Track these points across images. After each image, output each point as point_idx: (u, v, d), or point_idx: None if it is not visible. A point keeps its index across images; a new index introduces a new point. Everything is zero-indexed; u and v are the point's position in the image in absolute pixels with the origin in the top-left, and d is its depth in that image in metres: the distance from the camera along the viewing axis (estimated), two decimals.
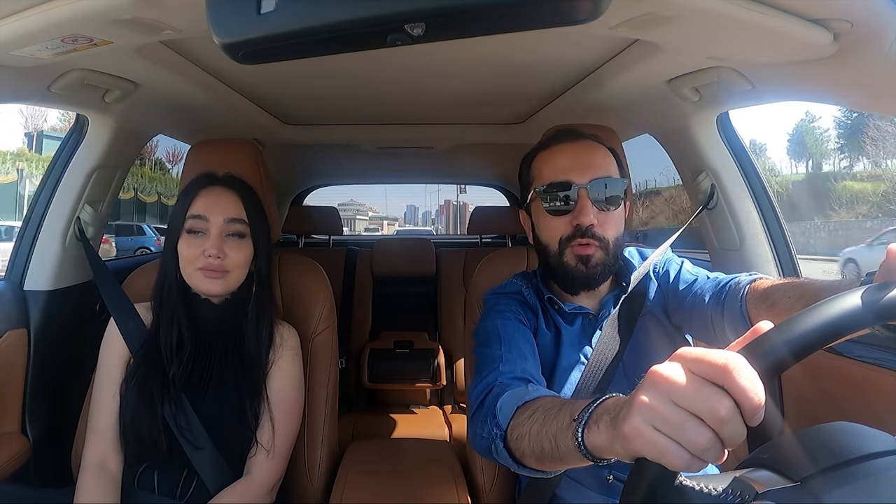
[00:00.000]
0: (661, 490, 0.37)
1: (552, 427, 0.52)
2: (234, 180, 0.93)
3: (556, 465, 0.54)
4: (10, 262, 1.18)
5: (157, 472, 0.85)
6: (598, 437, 0.44)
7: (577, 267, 0.79)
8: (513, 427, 0.59)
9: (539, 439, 0.53)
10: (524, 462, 0.59)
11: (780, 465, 0.38)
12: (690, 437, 0.34)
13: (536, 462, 0.56)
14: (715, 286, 0.75)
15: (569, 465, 0.53)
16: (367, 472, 1.02)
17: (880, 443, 0.38)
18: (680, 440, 0.34)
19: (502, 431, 0.60)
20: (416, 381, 1.91)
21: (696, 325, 0.78)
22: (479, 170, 2.44)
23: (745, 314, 0.67)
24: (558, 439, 0.50)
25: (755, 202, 1.16)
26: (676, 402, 0.35)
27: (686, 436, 0.34)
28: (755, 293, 0.67)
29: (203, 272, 0.86)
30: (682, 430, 0.34)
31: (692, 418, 0.34)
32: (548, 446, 0.52)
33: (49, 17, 0.65)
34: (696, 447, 0.34)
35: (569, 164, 0.81)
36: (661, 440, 0.35)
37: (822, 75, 0.77)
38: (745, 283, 0.70)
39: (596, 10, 0.45)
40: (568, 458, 0.49)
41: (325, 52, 0.51)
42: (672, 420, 0.35)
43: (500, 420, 0.61)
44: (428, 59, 1.04)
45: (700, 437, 0.34)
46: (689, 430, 0.34)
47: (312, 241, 2.45)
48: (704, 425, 0.34)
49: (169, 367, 0.85)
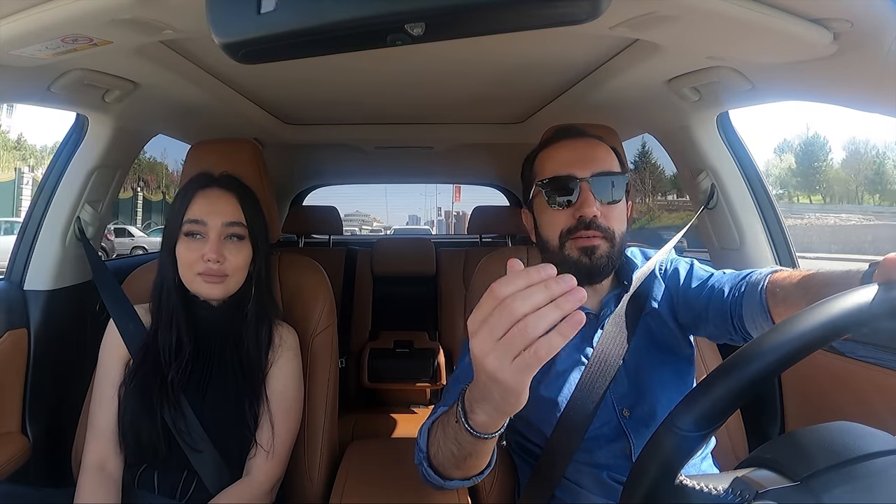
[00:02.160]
0: (661, 490, 0.37)
1: (450, 433, 0.59)
2: (232, 181, 0.92)
3: (469, 460, 0.60)
4: (10, 262, 1.18)
5: (157, 473, 0.85)
6: (478, 417, 0.52)
7: (581, 259, 0.78)
8: (430, 446, 0.66)
9: (447, 446, 0.61)
10: (448, 475, 0.65)
11: (780, 464, 0.38)
12: (520, 325, 0.39)
13: (455, 468, 0.63)
14: (734, 279, 0.76)
15: (479, 456, 0.60)
16: (367, 472, 1.02)
17: (881, 442, 0.38)
18: (518, 330, 0.39)
19: (425, 454, 0.67)
20: (416, 380, 1.91)
21: (712, 320, 0.77)
22: (479, 170, 2.44)
23: (764, 305, 0.67)
24: (458, 438, 0.57)
25: (755, 202, 1.17)
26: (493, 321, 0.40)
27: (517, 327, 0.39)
28: (773, 285, 0.68)
29: (203, 277, 0.86)
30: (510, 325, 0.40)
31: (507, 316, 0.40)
32: (455, 448, 0.59)
33: (49, 17, 0.65)
34: (532, 326, 0.39)
35: (571, 158, 0.80)
36: (504, 350, 0.40)
37: (822, 75, 0.77)
38: (765, 273, 0.71)
39: (596, 10, 0.45)
40: (474, 450, 0.57)
41: (325, 51, 0.51)
42: (495, 332, 0.40)
43: (421, 444, 0.68)
44: (428, 58, 1.04)
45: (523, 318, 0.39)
46: (509, 321, 0.39)
47: (312, 241, 2.45)
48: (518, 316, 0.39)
49: (168, 370, 0.85)
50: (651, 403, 0.77)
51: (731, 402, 0.38)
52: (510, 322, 0.39)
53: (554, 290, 0.39)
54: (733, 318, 0.73)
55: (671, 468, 0.39)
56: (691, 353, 0.84)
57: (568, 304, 0.39)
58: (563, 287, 0.39)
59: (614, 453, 0.77)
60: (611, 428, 0.78)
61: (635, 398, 0.79)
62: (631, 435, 0.77)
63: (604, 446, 0.77)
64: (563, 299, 0.39)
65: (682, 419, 0.39)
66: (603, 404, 0.75)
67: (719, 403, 0.38)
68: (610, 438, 0.77)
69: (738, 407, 0.39)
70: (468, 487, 0.98)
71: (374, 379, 1.92)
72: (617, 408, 0.78)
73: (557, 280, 0.39)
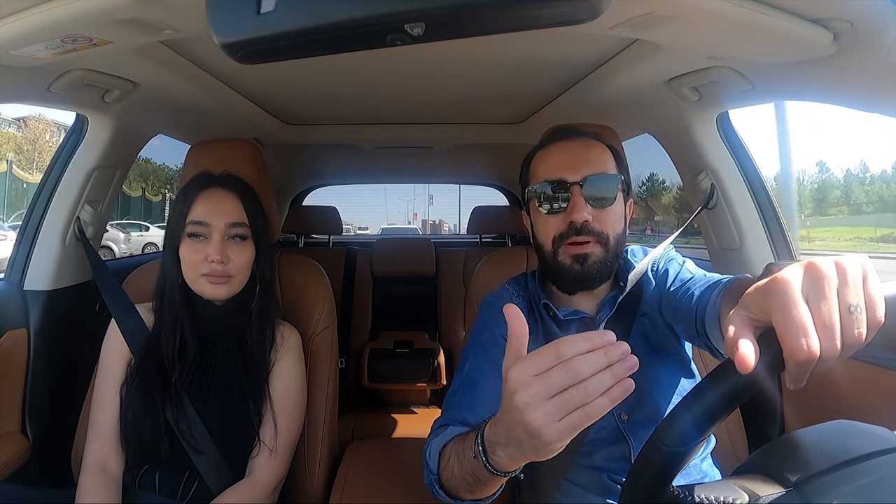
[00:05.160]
0: (655, 501, 0.37)
1: (465, 465, 0.58)
2: (233, 180, 0.92)
3: (485, 489, 0.59)
4: (10, 262, 1.18)
5: (158, 473, 0.85)
6: (501, 459, 0.50)
7: (573, 266, 0.77)
8: (442, 470, 0.65)
9: (462, 476, 0.59)
10: (460, 497, 0.63)
11: (774, 470, 0.38)
12: (572, 393, 0.40)
13: (468, 493, 0.61)
14: (707, 282, 0.73)
15: (496, 486, 0.58)
16: (367, 472, 1.02)
17: (878, 441, 0.38)
18: (567, 400, 0.40)
19: (435, 476, 0.66)
20: (416, 381, 1.91)
21: (681, 322, 0.76)
22: (479, 170, 2.44)
23: (716, 311, 0.64)
24: (476, 473, 0.56)
25: (755, 202, 1.16)
26: (543, 381, 0.41)
27: (568, 394, 0.40)
28: (729, 291, 0.65)
29: (207, 278, 0.86)
30: (559, 389, 0.40)
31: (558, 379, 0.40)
32: (471, 480, 0.58)
33: (49, 17, 0.65)
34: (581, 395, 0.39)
35: (562, 161, 0.80)
36: (556, 407, 0.40)
37: (822, 75, 0.77)
38: (728, 280, 0.68)
39: (596, 10, 0.45)
40: (490, 482, 0.56)
41: (325, 51, 0.51)
42: (552, 390, 0.40)
43: (432, 466, 0.67)
44: (428, 58, 1.04)
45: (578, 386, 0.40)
46: (563, 386, 0.40)
47: (312, 241, 2.45)
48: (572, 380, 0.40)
49: (171, 371, 0.85)
50: (649, 406, 0.77)
51: (710, 418, 0.39)
52: (571, 382, 0.40)
53: (612, 357, 0.40)
54: (696, 322, 0.70)
55: (662, 481, 0.39)
56: (687, 353, 0.84)
57: (621, 371, 0.40)
58: (622, 352, 0.40)
59: (614, 456, 0.77)
60: (609, 432, 0.77)
61: (633, 401, 0.78)
62: (630, 438, 0.76)
63: (603, 449, 0.77)
64: (617, 366, 0.40)
65: (665, 436, 0.40)
66: None
67: (698, 420, 0.39)
68: (609, 442, 0.77)
69: (719, 422, 0.39)
70: None
71: (374, 379, 1.92)
72: (615, 412, 0.78)
73: (616, 346, 0.41)
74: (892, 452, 0.36)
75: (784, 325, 0.36)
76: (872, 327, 0.36)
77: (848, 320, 0.35)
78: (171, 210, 0.91)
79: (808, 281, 0.37)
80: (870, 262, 0.37)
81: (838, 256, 0.38)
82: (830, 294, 0.36)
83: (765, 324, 0.38)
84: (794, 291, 0.36)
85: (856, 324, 0.35)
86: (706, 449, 0.81)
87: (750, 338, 0.37)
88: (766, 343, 0.37)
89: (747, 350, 0.36)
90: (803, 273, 0.37)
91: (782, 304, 0.36)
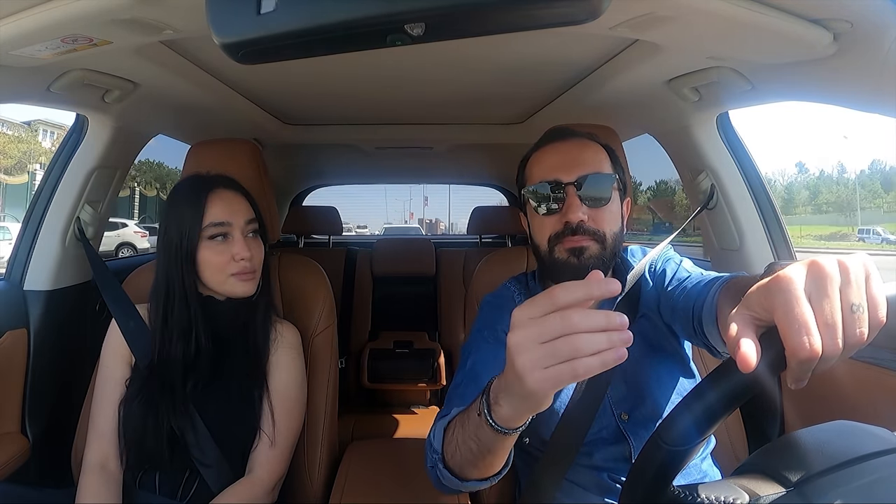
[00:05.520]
0: (655, 501, 0.37)
1: (470, 429, 0.57)
2: (231, 180, 0.93)
3: (487, 458, 0.58)
4: (10, 262, 1.18)
5: (158, 473, 0.85)
6: (502, 410, 0.49)
7: (569, 259, 0.77)
8: (446, 447, 0.64)
9: (466, 444, 0.58)
10: (465, 475, 0.62)
11: (774, 470, 0.38)
12: (570, 345, 0.39)
13: (472, 467, 0.60)
14: (705, 281, 0.73)
15: (498, 453, 0.57)
16: (367, 472, 1.02)
17: (878, 441, 0.38)
18: (559, 352, 0.39)
19: (439, 455, 0.64)
20: (416, 381, 1.91)
21: (679, 321, 0.76)
22: (479, 170, 2.44)
23: (714, 309, 0.65)
24: (478, 434, 0.55)
25: (755, 202, 1.16)
26: (542, 334, 0.40)
27: (563, 345, 0.39)
28: (726, 289, 0.65)
29: (237, 277, 0.87)
30: (557, 343, 0.39)
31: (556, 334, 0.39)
32: (474, 445, 0.57)
33: (49, 17, 0.65)
34: (578, 351, 0.38)
35: (557, 162, 0.80)
36: (544, 354, 0.40)
37: (822, 75, 0.77)
38: (725, 277, 0.68)
39: (596, 11, 0.45)
40: (493, 445, 0.55)
41: (325, 52, 0.50)
42: (543, 335, 0.40)
43: (436, 446, 0.65)
44: (428, 59, 1.04)
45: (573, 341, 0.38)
46: (560, 340, 0.39)
47: (312, 241, 2.45)
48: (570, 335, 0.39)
49: (182, 383, 0.84)
50: (649, 406, 0.77)
51: (711, 418, 0.39)
52: (563, 331, 0.39)
53: (613, 322, 0.39)
54: (694, 321, 0.71)
55: (663, 480, 0.39)
56: (686, 353, 0.84)
57: (618, 339, 0.39)
58: (622, 322, 0.39)
59: (614, 456, 0.77)
60: (610, 431, 0.77)
61: (633, 401, 0.78)
62: (630, 438, 0.76)
63: (603, 449, 0.77)
64: (616, 333, 0.39)
65: (667, 434, 0.40)
66: (601, 408, 0.75)
67: (699, 419, 0.39)
68: (609, 442, 0.77)
69: (720, 421, 0.39)
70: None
71: (374, 379, 1.92)
72: (615, 412, 0.78)
73: (619, 314, 0.40)
74: (892, 453, 0.36)
75: (786, 323, 0.36)
76: (874, 327, 0.36)
77: (850, 320, 0.35)
78: (168, 218, 0.87)
79: (811, 279, 0.37)
80: (872, 262, 0.37)
81: (841, 256, 0.38)
82: (833, 293, 0.36)
83: (767, 323, 0.38)
84: (796, 289, 0.36)
85: (858, 323, 0.35)
86: (706, 449, 0.81)
87: (752, 337, 0.37)
88: (767, 342, 0.37)
89: (749, 349, 0.36)
90: (806, 271, 0.37)
91: (785, 301, 0.36)
